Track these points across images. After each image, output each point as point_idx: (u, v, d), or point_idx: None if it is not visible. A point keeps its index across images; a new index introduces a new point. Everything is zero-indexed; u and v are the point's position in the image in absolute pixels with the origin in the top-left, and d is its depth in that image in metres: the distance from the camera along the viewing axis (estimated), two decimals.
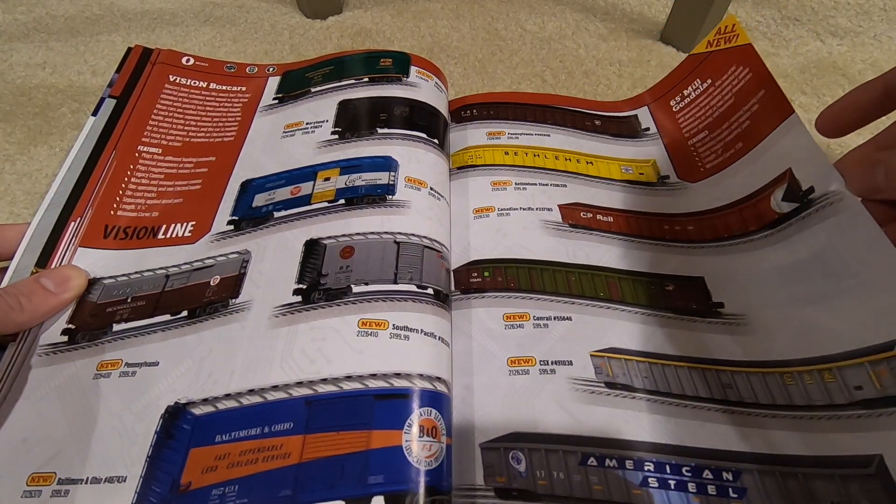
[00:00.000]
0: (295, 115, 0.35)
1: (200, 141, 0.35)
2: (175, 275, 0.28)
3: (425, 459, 0.21)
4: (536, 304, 0.28)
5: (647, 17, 0.51)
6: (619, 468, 0.22)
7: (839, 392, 0.21)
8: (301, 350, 0.24)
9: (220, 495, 0.21)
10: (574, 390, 0.25)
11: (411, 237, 0.28)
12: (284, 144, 0.33)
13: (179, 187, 0.33)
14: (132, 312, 0.27)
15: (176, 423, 0.23)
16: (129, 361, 0.25)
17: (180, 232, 0.30)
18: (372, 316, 0.25)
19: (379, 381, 0.23)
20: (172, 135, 0.35)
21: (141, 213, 0.31)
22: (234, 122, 0.36)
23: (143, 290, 0.28)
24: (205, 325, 0.26)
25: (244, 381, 0.23)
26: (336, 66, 0.37)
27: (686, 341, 0.26)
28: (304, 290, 0.26)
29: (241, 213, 0.30)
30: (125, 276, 0.29)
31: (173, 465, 0.22)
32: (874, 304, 0.21)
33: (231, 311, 0.26)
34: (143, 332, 0.26)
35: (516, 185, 0.33)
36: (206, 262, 0.29)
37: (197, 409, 0.23)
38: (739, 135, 0.30)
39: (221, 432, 0.22)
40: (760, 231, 0.27)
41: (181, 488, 0.21)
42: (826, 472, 0.20)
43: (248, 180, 0.32)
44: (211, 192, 0.32)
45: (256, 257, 0.28)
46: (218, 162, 0.34)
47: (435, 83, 0.37)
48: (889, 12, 0.50)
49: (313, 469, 0.21)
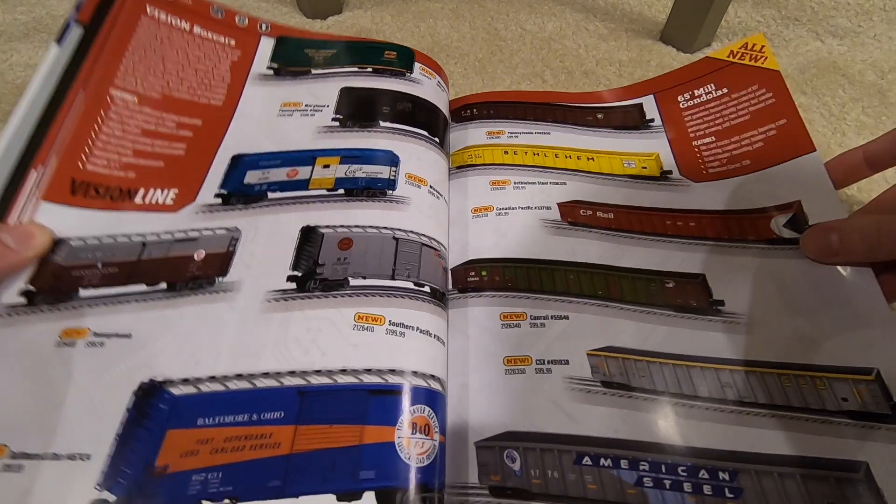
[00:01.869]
0: (293, 94, 0.34)
1: (184, 98, 0.33)
2: (154, 243, 0.27)
3: (417, 456, 0.21)
4: (534, 304, 0.28)
5: (647, 17, 0.51)
6: (614, 467, 0.22)
7: (830, 399, 0.23)
8: (295, 339, 0.23)
9: (203, 481, 0.20)
10: (570, 389, 0.25)
11: (410, 234, 0.28)
12: (282, 124, 0.32)
13: (160, 148, 0.31)
14: (103, 279, 0.25)
15: (151, 402, 0.22)
16: (97, 331, 0.24)
17: (161, 199, 0.29)
18: (369, 310, 0.24)
19: (374, 377, 0.23)
20: (150, 82, 0.33)
21: (115, 170, 0.29)
22: (222, 84, 0.34)
23: (116, 256, 0.26)
24: (187, 301, 0.25)
25: (231, 364, 0.23)
26: (339, 49, 0.36)
27: (685, 339, 0.25)
28: (299, 277, 0.25)
29: (231, 188, 0.29)
30: (95, 239, 0.27)
31: (147, 445, 0.21)
32: (859, 333, 0.23)
33: (218, 289, 0.25)
34: (114, 300, 0.25)
35: (515, 185, 0.33)
36: (189, 233, 0.27)
37: (176, 389, 0.22)
38: (749, 153, 0.30)
39: (204, 416, 0.21)
40: (758, 242, 0.28)
41: (156, 471, 0.20)
42: (822, 474, 0.21)
43: (239, 154, 0.30)
44: (197, 159, 0.30)
45: (247, 237, 0.27)
46: (205, 127, 0.32)
47: (437, 82, 0.37)
48: (889, 12, 0.50)
49: (305, 461, 0.20)
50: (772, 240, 0.27)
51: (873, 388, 0.22)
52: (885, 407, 0.22)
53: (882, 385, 0.22)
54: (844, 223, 0.25)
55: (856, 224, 0.24)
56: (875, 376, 0.22)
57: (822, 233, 0.25)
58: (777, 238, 0.27)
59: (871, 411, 0.22)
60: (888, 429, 0.21)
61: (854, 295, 0.25)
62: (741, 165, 0.30)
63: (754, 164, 0.30)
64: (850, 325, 0.24)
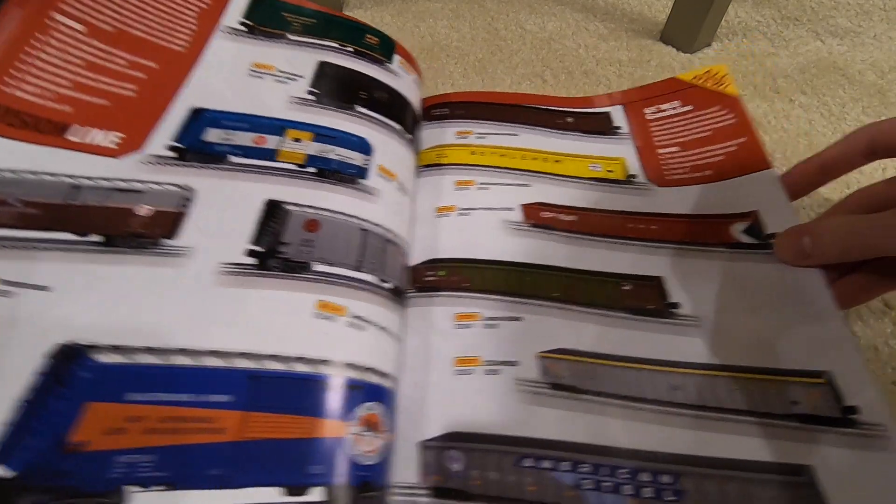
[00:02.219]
0: (267, 56, 0.31)
1: (140, 35, 0.30)
2: (88, 188, 0.24)
3: (365, 454, 0.21)
4: (488, 304, 0.28)
5: (647, 17, 0.52)
6: (554, 469, 0.22)
7: (779, 403, 0.22)
8: (249, 318, 0.22)
9: (130, 463, 0.18)
10: (518, 391, 0.25)
11: (377, 228, 0.27)
12: (252, 84, 0.30)
13: (105, 85, 0.27)
14: (19, 219, 0.22)
15: (70, 368, 0.19)
16: (5, 278, 0.20)
17: (101, 140, 0.25)
18: (332, 299, 0.23)
19: (331, 369, 0.22)
20: (103, 13, 0.29)
21: (48, 101, 0.25)
22: (187, 30, 0.31)
23: (37, 195, 0.23)
24: (125, 259, 0.22)
25: (173, 336, 0.20)
26: (319, 20, 0.34)
27: (638, 342, 0.26)
28: (260, 253, 0.23)
29: (187, 143, 0.26)
30: (11, 173, 0.23)
31: (60, 417, 0.18)
32: (812, 337, 0.24)
33: (166, 252, 0.22)
34: (31, 245, 0.21)
35: (479, 185, 0.33)
36: (133, 184, 0.24)
37: (103, 357, 0.20)
38: (711, 164, 0.32)
39: (136, 390, 0.19)
40: (717, 246, 0.28)
41: (68, 446, 0.18)
42: (765, 478, 0.21)
43: (201, 109, 0.28)
44: (148, 104, 0.27)
45: (204, 200, 0.24)
46: (162, 71, 0.29)
47: (414, 78, 0.36)
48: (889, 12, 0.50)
49: (251, 450, 0.19)
50: (732, 244, 0.28)
51: (824, 391, 0.22)
52: (836, 410, 0.22)
53: (833, 388, 0.22)
54: (816, 225, 0.25)
55: (827, 226, 0.24)
56: (826, 380, 0.22)
57: (794, 235, 0.25)
58: (737, 242, 0.28)
59: (822, 415, 0.22)
60: (837, 432, 0.21)
61: (811, 298, 0.25)
62: (703, 175, 0.31)
63: (715, 174, 0.31)
64: (806, 329, 0.24)
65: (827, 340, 0.23)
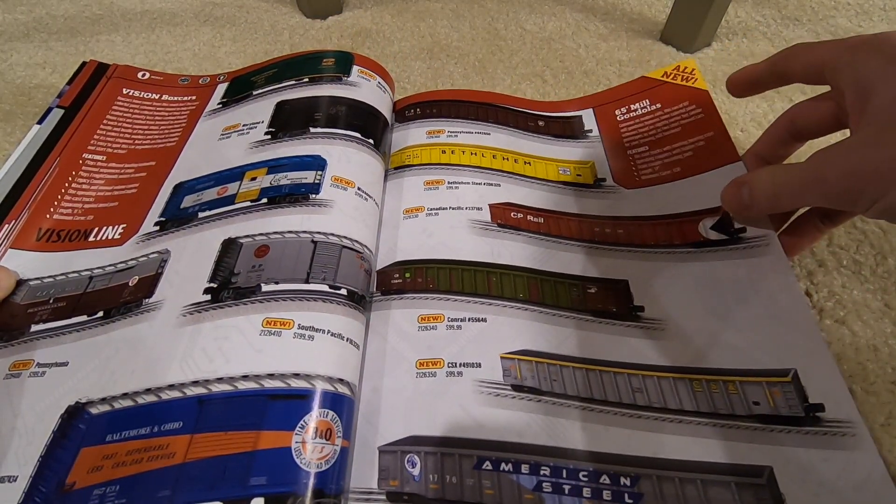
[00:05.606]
0: (234, 118, 0.35)
1: (145, 148, 0.35)
2: (99, 276, 0.28)
3: (315, 462, 0.20)
4: (453, 306, 0.27)
5: (647, 17, 0.51)
6: (513, 472, 0.21)
7: (740, 404, 0.22)
8: (202, 349, 0.23)
9: (101, 495, 0.20)
10: (479, 393, 0.24)
11: (330, 237, 0.27)
12: (220, 147, 0.33)
13: (117, 191, 0.33)
14: (52, 313, 0.27)
15: (73, 423, 0.23)
16: (40, 361, 0.25)
17: (111, 234, 0.30)
18: (277, 315, 0.24)
19: (276, 381, 0.22)
20: (119, 143, 0.36)
21: (77, 216, 0.31)
22: (178, 129, 0.36)
23: (66, 291, 0.28)
24: (116, 326, 0.26)
25: (143, 380, 0.23)
26: (280, 68, 0.37)
27: (602, 344, 0.25)
28: (214, 288, 0.25)
29: (168, 215, 0.30)
30: (51, 278, 0.29)
31: (62, 464, 0.22)
32: (776, 335, 0.23)
33: (143, 310, 0.26)
34: (59, 332, 0.26)
35: (449, 184, 0.32)
36: (128, 262, 0.28)
37: (94, 409, 0.23)
38: (679, 161, 0.31)
39: (113, 431, 0.22)
40: (684, 246, 0.27)
41: (65, 488, 0.21)
42: (722, 479, 0.20)
43: (181, 182, 0.32)
44: (145, 195, 0.32)
45: (175, 257, 0.28)
46: (156, 166, 0.34)
47: (378, 83, 0.36)
48: (889, 12, 0.50)
49: (195, 469, 0.20)
50: (698, 243, 0.27)
51: (788, 389, 0.22)
52: (799, 409, 0.21)
53: (798, 386, 0.22)
54: (752, 175, 0.24)
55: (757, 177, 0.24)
56: (792, 377, 0.22)
57: (736, 186, 0.25)
58: (703, 241, 0.27)
59: (782, 414, 0.21)
60: (798, 432, 0.21)
61: (775, 295, 0.24)
62: (672, 172, 0.31)
63: (684, 170, 0.30)
64: (773, 327, 0.24)
65: (794, 337, 0.23)
